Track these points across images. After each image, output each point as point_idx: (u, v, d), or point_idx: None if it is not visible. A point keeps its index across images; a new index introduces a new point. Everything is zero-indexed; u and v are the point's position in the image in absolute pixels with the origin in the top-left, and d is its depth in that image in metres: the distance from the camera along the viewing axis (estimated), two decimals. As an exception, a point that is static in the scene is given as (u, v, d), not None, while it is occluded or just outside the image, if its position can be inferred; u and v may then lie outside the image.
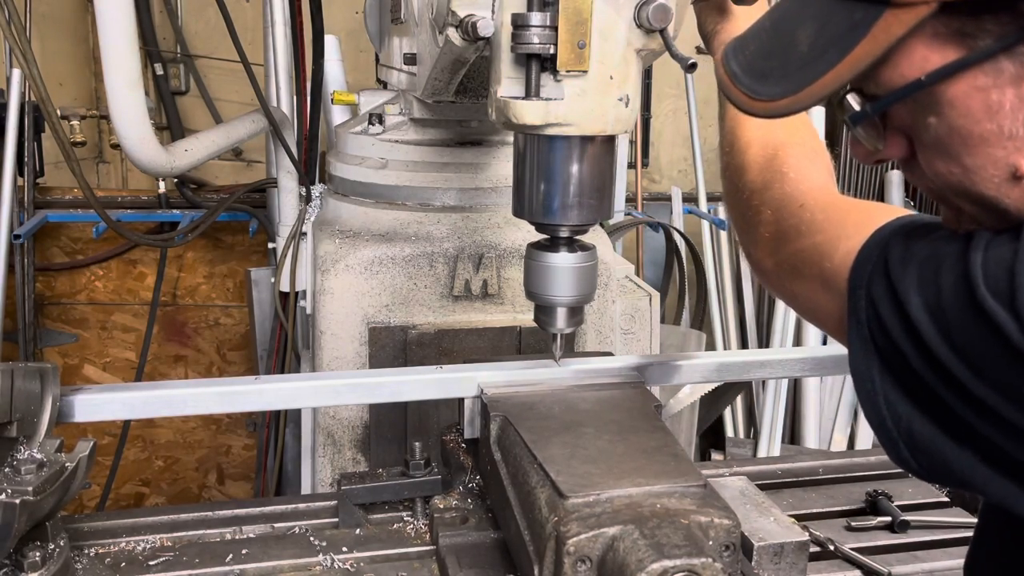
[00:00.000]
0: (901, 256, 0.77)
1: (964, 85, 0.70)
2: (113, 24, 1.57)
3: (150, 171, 1.83)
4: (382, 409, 1.83)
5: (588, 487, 1.04)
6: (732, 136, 1.10)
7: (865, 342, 0.79)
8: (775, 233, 0.98)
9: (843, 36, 0.73)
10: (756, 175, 1.05)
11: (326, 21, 2.34)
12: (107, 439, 3.57)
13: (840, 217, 0.91)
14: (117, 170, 4.44)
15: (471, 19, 1.21)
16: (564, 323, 1.33)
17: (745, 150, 1.07)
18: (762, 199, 1.01)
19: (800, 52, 0.76)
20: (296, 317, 2.40)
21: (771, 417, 3.63)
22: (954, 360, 0.71)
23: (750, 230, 1.02)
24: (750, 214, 1.03)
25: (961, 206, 0.78)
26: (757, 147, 1.06)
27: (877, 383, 0.78)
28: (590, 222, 1.27)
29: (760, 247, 1.00)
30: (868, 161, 0.84)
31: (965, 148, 0.73)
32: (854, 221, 0.88)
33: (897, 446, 0.78)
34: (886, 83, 0.74)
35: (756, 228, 1.01)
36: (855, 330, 0.80)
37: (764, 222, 1.00)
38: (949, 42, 0.70)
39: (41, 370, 1.15)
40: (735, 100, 0.82)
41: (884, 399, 0.78)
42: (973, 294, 0.69)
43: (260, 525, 1.32)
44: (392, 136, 1.99)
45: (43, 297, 3.60)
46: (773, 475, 1.51)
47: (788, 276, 0.96)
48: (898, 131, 0.79)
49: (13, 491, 1.01)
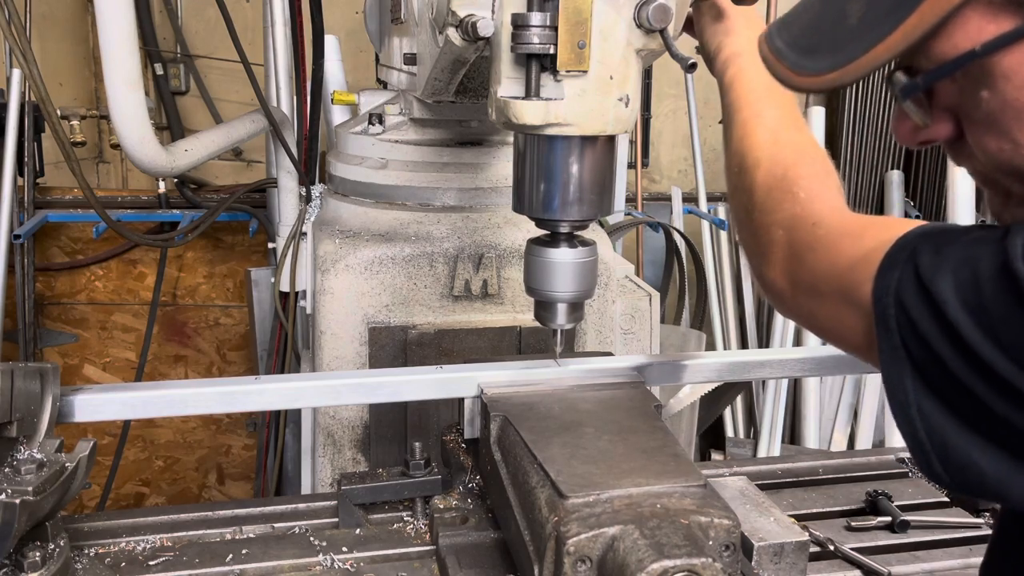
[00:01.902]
0: (932, 258, 0.75)
1: (1020, 56, 0.69)
2: (113, 24, 1.57)
3: (150, 171, 1.83)
4: (382, 409, 1.82)
5: (588, 487, 1.04)
6: (740, 157, 1.09)
7: (895, 350, 0.76)
8: (789, 253, 0.96)
9: (896, 7, 0.71)
10: (766, 195, 1.03)
11: (326, 21, 2.34)
12: (107, 439, 3.57)
13: (857, 231, 0.89)
14: (117, 170, 4.44)
15: (471, 19, 1.21)
16: (564, 319, 1.33)
17: (753, 170, 1.06)
18: (773, 219, 0.99)
19: (850, 25, 0.75)
20: (296, 317, 2.40)
21: (771, 417, 3.63)
22: (1000, 358, 0.68)
23: (762, 252, 1.00)
24: (762, 234, 1.01)
25: (1010, 188, 0.76)
26: (766, 167, 1.05)
27: (910, 393, 0.75)
28: (590, 218, 1.28)
29: (774, 268, 0.98)
30: (913, 142, 0.82)
31: (1019, 122, 0.71)
32: (872, 235, 0.86)
33: (929, 459, 0.75)
34: (938, 55, 0.73)
35: (769, 249, 0.98)
36: (884, 339, 0.78)
37: (777, 242, 0.97)
38: (1004, 11, 0.69)
39: (41, 370, 1.15)
40: (780, 76, 0.81)
41: (918, 409, 0.75)
42: (1018, 285, 0.67)
43: (260, 525, 1.32)
44: (392, 136, 1.99)
45: (43, 297, 3.60)
46: (773, 475, 1.51)
47: (805, 296, 0.94)
48: (945, 111, 0.78)
49: (13, 491, 1.01)
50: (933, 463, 0.75)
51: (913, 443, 0.76)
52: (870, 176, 4.24)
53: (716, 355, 1.48)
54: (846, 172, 4.24)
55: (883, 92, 4.16)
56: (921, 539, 1.35)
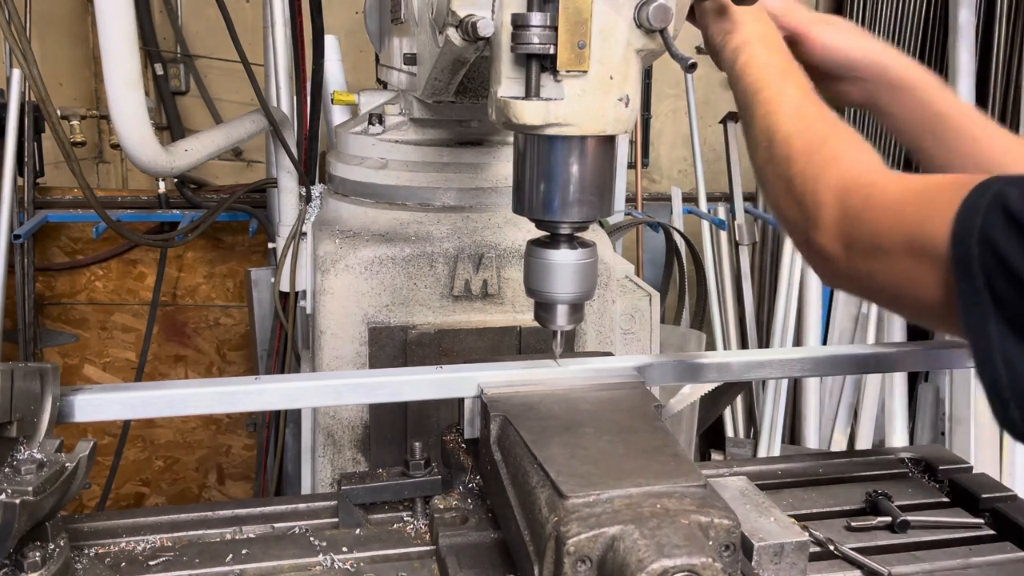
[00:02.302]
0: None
1: None
2: (113, 24, 1.57)
3: (150, 171, 1.83)
4: (382, 409, 1.83)
5: (588, 487, 1.04)
6: (768, 132, 1.09)
7: (979, 293, 0.75)
8: (842, 214, 0.94)
9: None
10: (807, 161, 1.02)
11: (326, 21, 2.34)
12: (107, 439, 3.57)
13: (919, 187, 0.89)
14: (117, 170, 4.45)
15: (471, 19, 1.21)
16: (564, 320, 1.33)
17: (788, 141, 1.05)
18: (820, 184, 0.98)
19: None
20: (296, 317, 2.40)
21: (771, 417, 3.63)
22: None
23: (810, 217, 0.99)
24: (808, 200, 0.99)
25: None
26: (803, 137, 1.05)
27: (994, 338, 0.74)
28: (590, 219, 1.28)
29: (825, 232, 0.96)
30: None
31: None
32: (936, 186, 0.85)
33: (1007, 407, 0.74)
34: None
35: (818, 214, 0.97)
36: (966, 284, 0.76)
37: (826, 204, 0.96)
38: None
39: (41, 370, 1.15)
40: None
41: (1001, 355, 0.74)
42: None
43: (260, 525, 1.32)
44: (392, 136, 1.99)
45: (43, 297, 3.61)
46: (773, 475, 1.51)
47: (864, 256, 0.92)
48: None
49: (13, 491, 1.01)
50: (1011, 410, 0.74)
51: (992, 390, 0.75)
52: (870, 176, 4.23)
53: (716, 355, 1.48)
54: (846, 172, 4.23)
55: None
56: (921, 539, 1.35)
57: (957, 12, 3.59)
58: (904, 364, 1.65)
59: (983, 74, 3.69)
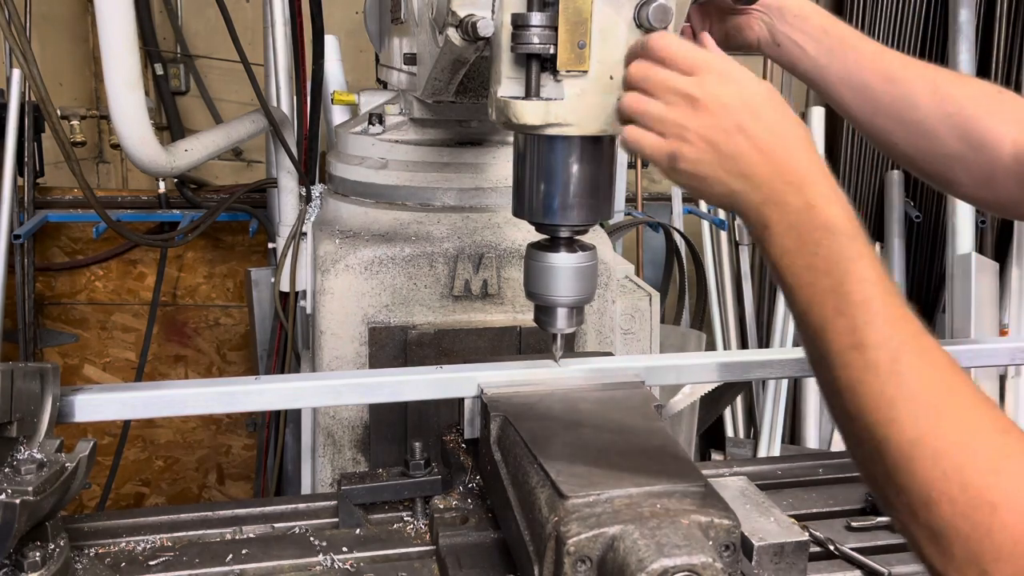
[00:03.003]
0: None
1: None
2: (113, 24, 1.57)
3: (150, 171, 1.83)
4: (382, 409, 1.83)
5: (588, 487, 1.05)
6: (868, 424, 0.80)
7: None
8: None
9: None
10: (954, 505, 0.74)
11: (326, 21, 2.34)
12: (107, 439, 3.57)
13: None
14: (117, 170, 4.45)
15: (471, 19, 1.21)
16: (564, 323, 1.33)
17: (911, 455, 0.76)
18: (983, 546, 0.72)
19: None
20: (296, 317, 2.40)
21: (771, 417, 3.63)
22: None
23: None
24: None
25: None
26: (930, 450, 0.76)
27: None
28: (590, 222, 1.27)
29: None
30: None
31: None
32: None
33: None
34: None
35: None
36: None
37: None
38: None
39: (41, 370, 1.15)
40: None
41: None
42: None
43: (260, 525, 1.32)
44: (392, 136, 1.99)
45: (43, 297, 3.61)
46: (773, 475, 1.51)
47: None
48: None
49: (13, 491, 1.01)
50: None
51: None
52: (870, 176, 4.24)
53: (716, 355, 1.48)
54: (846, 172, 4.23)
55: (883, 92, 4.16)
56: (921, 539, 1.35)
57: (957, 12, 3.59)
58: (904, 364, 1.65)
59: (983, 74, 3.69)
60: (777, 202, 0.87)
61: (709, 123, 0.90)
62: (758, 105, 0.90)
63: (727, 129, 0.89)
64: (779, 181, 0.87)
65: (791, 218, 0.86)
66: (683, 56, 0.94)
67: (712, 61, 0.93)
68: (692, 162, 0.92)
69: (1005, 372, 3.45)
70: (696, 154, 0.91)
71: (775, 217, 0.87)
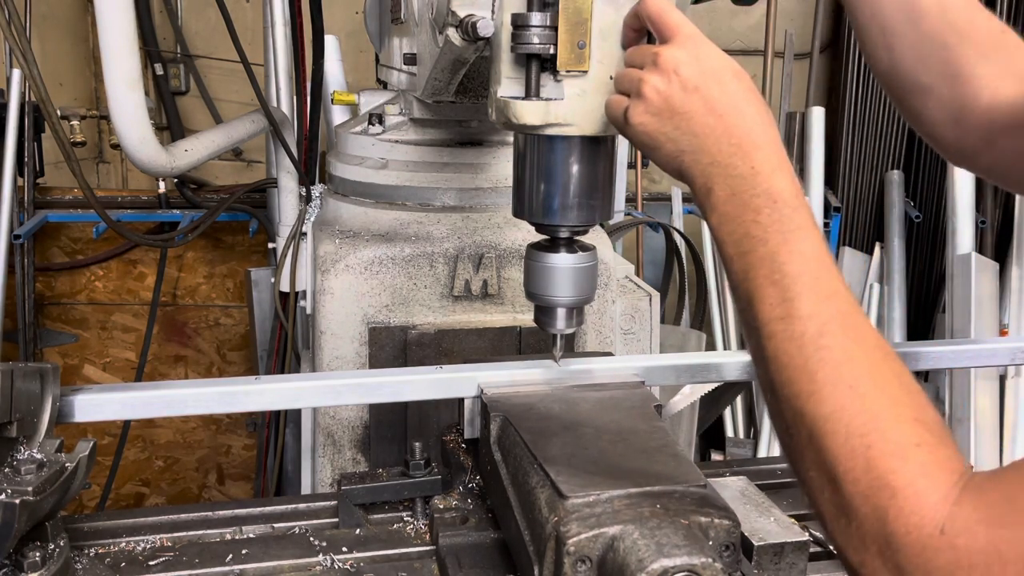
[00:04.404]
0: None
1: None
2: (113, 24, 1.57)
3: (150, 171, 1.83)
4: (382, 409, 1.83)
5: (588, 487, 1.04)
6: (788, 396, 0.79)
7: None
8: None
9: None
10: (856, 482, 0.73)
11: (326, 21, 2.34)
12: (107, 439, 3.58)
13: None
14: (117, 170, 4.45)
15: (471, 19, 1.21)
16: (564, 324, 1.33)
17: (825, 430, 0.76)
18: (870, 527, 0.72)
19: None
20: (296, 317, 2.40)
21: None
22: None
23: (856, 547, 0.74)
24: (855, 537, 0.74)
25: None
26: (842, 426, 0.75)
27: None
28: (590, 223, 1.27)
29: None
30: None
31: None
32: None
33: None
34: None
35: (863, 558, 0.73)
36: None
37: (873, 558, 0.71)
38: None
39: (41, 370, 1.15)
40: None
41: None
42: None
43: (260, 525, 1.32)
44: (392, 136, 1.99)
45: (43, 297, 3.61)
46: (773, 475, 1.51)
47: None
48: None
49: (13, 491, 1.01)
50: None
51: None
52: (870, 176, 4.24)
53: (716, 355, 1.48)
54: (846, 172, 4.24)
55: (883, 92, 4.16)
56: (921, 539, 1.35)
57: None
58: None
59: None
60: (723, 164, 0.88)
61: (666, 81, 0.93)
62: (721, 74, 0.92)
63: (685, 87, 0.91)
64: (726, 143, 0.88)
65: (734, 183, 0.86)
66: (664, 20, 0.98)
67: (689, 29, 0.96)
68: (643, 115, 0.94)
69: (1005, 372, 3.45)
70: (648, 108, 0.94)
71: (719, 181, 0.88)
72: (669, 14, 0.98)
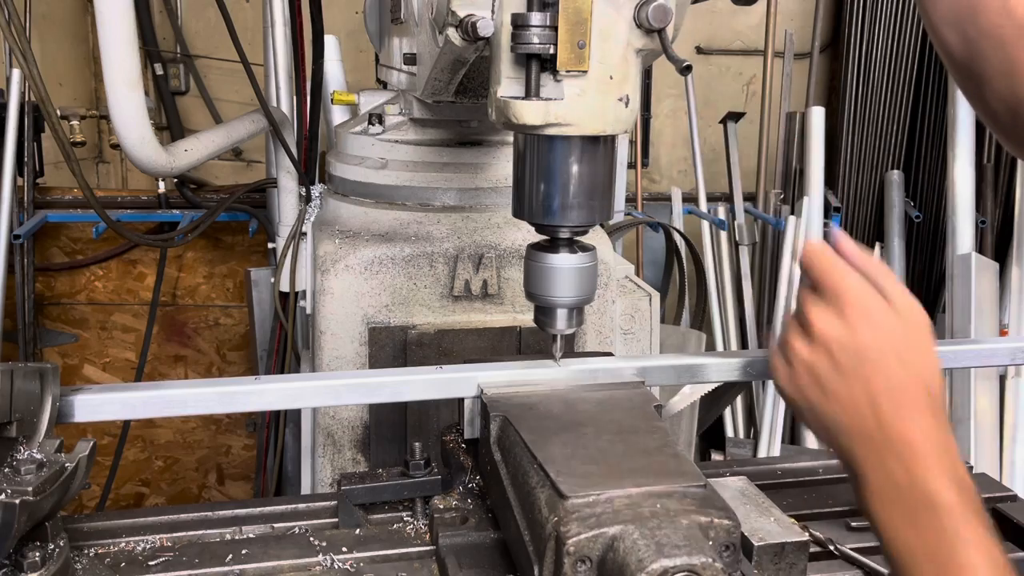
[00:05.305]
0: None
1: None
2: (113, 24, 1.57)
3: (150, 171, 1.83)
4: (382, 409, 1.83)
5: (588, 487, 1.04)
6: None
7: None
8: None
9: None
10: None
11: (326, 21, 2.34)
12: (107, 439, 3.57)
13: None
14: (117, 170, 4.45)
15: (471, 19, 1.21)
16: (564, 324, 1.33)
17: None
18: None
19: None
20: (296, 317, 2.40)
21: (771, 417, 3.63)
22: None
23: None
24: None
25: None
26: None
27: None
28: (590, 223, 1.27)
29: None
30: None
31: None
32: None
33: None
34: None
35: None
36: None
37: None
38: None
39: (41, 370, 1.15)
40: None
41: None
42: None
43: (260, 525, 1.31)
44: (392, 136, 1.99)
45: (43, 297, 3.61)
46: (773, 475, 1.51)
47: None
48: None
49: (13, 491, 1.01)
50: None
51: None
52: (870, 176, 4.24)
53: (716, 355, 1.48)
54: (846, 172, 4.24)
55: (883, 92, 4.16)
56: (921, 539, 1.35)
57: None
58: (904, 364, 1.65)
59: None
60: (877, 464, 0.84)
61: (817, 356, 0.88)
62: (881, 360, 0.85)
63: (837, 368, 0.87)
64: (881, 439, 0.84)
65: (889, 485, 0.83)
66: (826, 281, 0.90)
67: (856, 294, 0.88)
68: (790, 386, 0.91)
69: (1005, 372, 3.45)
70: (798, 380, 0.90)
71: (873, 477, 0.85)
72: (832, 274, 0.90)
